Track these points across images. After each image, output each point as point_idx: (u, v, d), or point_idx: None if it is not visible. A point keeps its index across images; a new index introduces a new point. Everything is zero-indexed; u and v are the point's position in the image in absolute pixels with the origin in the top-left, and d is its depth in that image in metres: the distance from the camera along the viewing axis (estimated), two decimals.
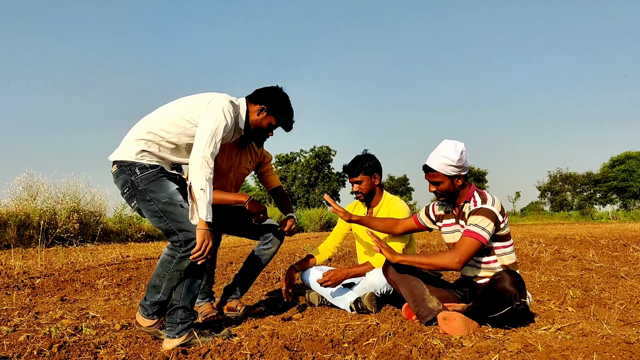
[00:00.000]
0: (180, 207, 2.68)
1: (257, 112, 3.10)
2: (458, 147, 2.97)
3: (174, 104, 2.90)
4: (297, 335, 2.75)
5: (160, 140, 2.79)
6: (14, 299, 4.28)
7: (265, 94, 3.13)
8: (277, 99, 3.14)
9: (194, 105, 2.82)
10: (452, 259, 2.85)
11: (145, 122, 2.85)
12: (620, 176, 50.64)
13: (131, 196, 2.75)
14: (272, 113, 3.13)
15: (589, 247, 8.25)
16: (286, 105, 3.18)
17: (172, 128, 2.79)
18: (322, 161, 48.75)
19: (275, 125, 3.20)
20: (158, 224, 2.70)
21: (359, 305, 3.49)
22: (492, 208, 2.91)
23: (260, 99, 3.12)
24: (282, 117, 3.18)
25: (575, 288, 4.07)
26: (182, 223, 2.64)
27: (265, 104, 3.10)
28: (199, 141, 2.67)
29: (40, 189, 13.30)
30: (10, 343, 2.80)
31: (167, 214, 2.66)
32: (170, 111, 2.85)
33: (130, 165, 2.74)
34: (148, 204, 2.70)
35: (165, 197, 2.69)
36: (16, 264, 7.16)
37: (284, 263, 7.21)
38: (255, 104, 3.12)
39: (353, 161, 3.84)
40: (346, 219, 3.59)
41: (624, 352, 2.17)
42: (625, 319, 2.97)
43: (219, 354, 2.38)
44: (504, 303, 2.62)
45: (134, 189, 2.72)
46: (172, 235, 2.67)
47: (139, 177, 2.71)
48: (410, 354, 2.30)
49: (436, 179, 3.04)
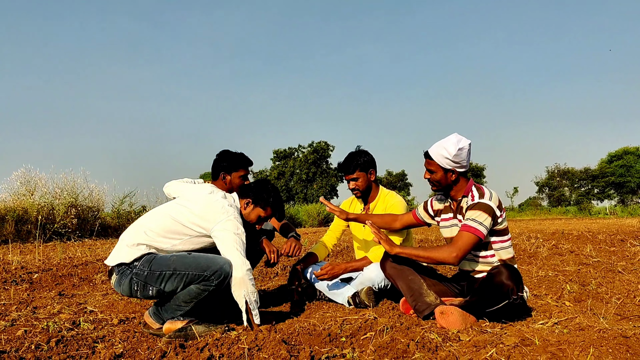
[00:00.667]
0: (189, 255, 2.78)
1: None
2: (460, 143, 2.95)
3: (172, 210, 2.95)
4: (294, 330, 2.76)
5: (163, 246, 2.86)
6: (12, 294, 4.28)
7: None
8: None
9: (201, 215, 2.89)
10: (449, 254, 2.85)
11: (141, 230, 2.88)
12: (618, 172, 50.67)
13: (145, 286, 2.74)
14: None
15: (586, 242, 8.27)
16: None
17: (176, 236, 2.88)
18: (320, 157, 48.73)
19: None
20: (183, 281, 2.71)
21: (357, 300, 3.50)
22: (489, 202, 2.91)
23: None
24: (270, 207, 3.20)
25: (572, 283, 4.08)
26: (201, 264, 2.71)
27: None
28: (233, 256, 2.75)
29: (38, 184, 13.27)
30: (8, 337, 2.80)
31: (184, 267, 2.70)
32: (170, 219, 2.91)
33: (130, 265, 2.78)
34: (162, 277, 2.71)
35: (169, 258, 2.76)
36: (14, 259, 7.15)
37: (282, 258, 7.22)
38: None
39: (347, 158, 3.83)
40: (343, 217, 3.58)
41: (621, 346, 2.17)
42: (622, 313, 2.98)
43: (216, 348, 2.38)
44: (501, 297, 2.62)
45: (142, 277, 2.73)
46: (200, 279, 2.71)
47: (139, 266, 2.75)
48: (408, 347, 2.30)
49: (431, 167, 3.06)
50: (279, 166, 49.73)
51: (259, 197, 3.14)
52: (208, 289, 2.72)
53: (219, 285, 2.73)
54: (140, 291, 2.74)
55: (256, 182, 3.24)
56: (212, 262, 2.72)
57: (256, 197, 3.14)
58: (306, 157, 48.52)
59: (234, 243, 2.78)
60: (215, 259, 2.74)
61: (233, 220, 2.85)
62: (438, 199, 3.32)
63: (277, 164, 50.24)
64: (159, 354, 2.32)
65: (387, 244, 3.00)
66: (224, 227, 2.81)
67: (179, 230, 2.87)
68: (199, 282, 2.71)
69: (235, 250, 2.76)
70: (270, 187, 3.20)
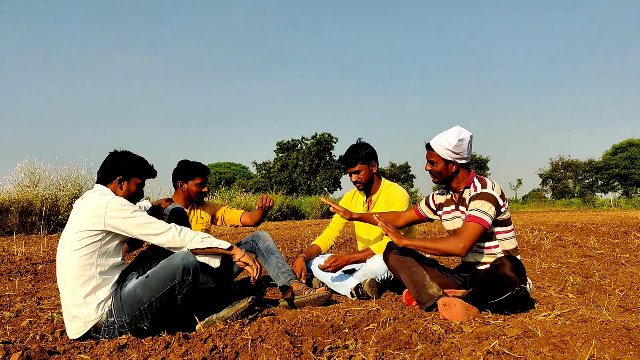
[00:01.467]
0: (146, 278, 2.61)
1: (118, 187, 2.82)
2: (461, 134, 2.95)
3: (64, 255, 2.59)
4: (297, 321, 2.77)
5: (95, 283, 2.57)
6: (17, 285, 4.30)
7: (113, 167, 2.82)
8: (122, 161, 2.85)
9: (88, 219, 2.57)
10: (456, 245, 2.85)
11: (68, 292, 2.56)
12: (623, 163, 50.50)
13: (137, 328, 2.59)
14: (130, 177, 2.85)
15: (589, 235, 8.26)
16: (134, 159, 2.88)
17: (89, 267, 2.56)
18: (324, 148, 48.58)
19: (142, 182, 2.94)
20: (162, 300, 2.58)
21: (360, 291, 3.50)
22: (492, 192, 2.91)
23: (112, 175, 2.82)
24: (138, 172, 2.90)
25: (575, 275, 4.08)
26: (164, 277, 2.57)
27: (119, 174, 2.81)
28: (151, 236, 2.63)
29: (42, 176, 13.32)
30: (13, 328, 2.82)
31: (154, 290, 2.56)
32: (70, 263, 2.56)
33: (105, 324, 2.58)
34: (144, 312, 2.57)
35: (134, 292, 2.59)
36: (19, 250, 7.19)
37: (285, 250, 7.23)
38: (110, 184, 2.82)
39: (349, 151, 3.82)
40: (347, 217, 3.56)
41: (623, 338, 2.17)
42: (625, 305, 2.98)
43: (220, 339, 2.39)
44: (504, 289, 2.62)
45: (128, 324, 2.57)
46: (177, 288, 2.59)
47: (115, 320, 2.57)
48: (410, 339, 2.31)
49: (432, 159, 3.07)
50: (282, 158, 49.64)
51: (124, 168, 2.81)
52: (192, 286, 2.63)
53: (196, 274, 2.62)
54: (134, 331, 2.60)
55: (110, 158, 2.86)
56: (170, 268, 2.58)
57: (122, 170, 2.80)
58: (309, 149, 48.41)
59: (138, 223, 2.60)
60: (170, 262, 2.59)
61: (114, 201, 2.59)
62: (439, 192, 3.32)
63: (280, 155, 50.14)
64: (162, 344, 2.33)
65: (395, 237, 2.99)
66: (115, 216, 2.56)
67: (84, 257, 2.54)
68: (180, 290, 2.59)
69: (146, 228, 2.61)
70: (121, 155, 2.86)
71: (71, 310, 2.55)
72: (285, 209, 24.03)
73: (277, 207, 23.01)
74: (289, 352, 2.14)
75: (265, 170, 50.05)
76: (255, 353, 2.20)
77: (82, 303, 2.52)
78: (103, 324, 2.56)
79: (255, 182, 47.94)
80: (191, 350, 2.23)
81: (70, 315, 2.56)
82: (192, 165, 3.87)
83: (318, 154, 48.29)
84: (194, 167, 3.87)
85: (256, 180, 48.80)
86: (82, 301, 2.52)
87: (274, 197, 24.35)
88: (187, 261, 2.60)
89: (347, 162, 3.81)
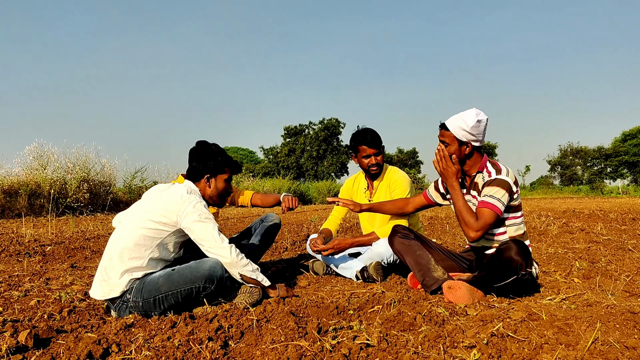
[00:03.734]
0: (173, 271, 2.66)
1: (208, 186, 2.98)
2: (480, 116, 2.92)
3: (133, 222, 2.71)
4: (303, 302, 2.78)
5: (138, 263, 2.66)
6: (25, 266, 4.35)
7: (200, 165, 2.96)
8: (208, 160, 2.97)
9: (162, 212, 2.69)
10: (472, 228, 2.85)
11: (115, 256, 2.64)
12: (632, 150, 50.03)
13: (146, 314, 2.62)
14: (217, 174, 2.99)
15: (597, 221, 8.23)
16: (220, 157, 3.00)
17: (147, 244, 2.66)
18: (331, 134, 48.46)
19: (230, 177, 3.06)
20: (179, 297, 2.62)
21: (365, 274, 3.51)
22: (506, 179, 2.89)
23: (200, 173, 2.96)
24: (227, 168, 3.04)
25: (581, 260, 4.07)
26: (188, 278, 2.63)
27: (207, 172, 2.96)
28: (215, 247, 2.70)
29: (51, 159, 13.39)
30: (22, 307, 2.85)
31: (174, 286, 2.61)
32: (134, 231, 2.67)
33: (122, 298, 2.63)
34: (158, 302, 2.61)
35: (157, 281, 2.62)
36: (27, 232, 7.26)
37: (292, 234, 7.26)
38: (199, 182, 2.98)
39: (374, 133, 3.78)
40: (357, 210, 3.56)
41: (628, 321, 2.17)
42: (630, 290, 2.97)
43: (225, 319, 2.41)
44: (510, 272, 2.62)
45: (139, 308, 2.61)
46: (195, 292, 2.65)
47: (132, 299, 2.61)
48: (415, 321, 2.32)
49: (445, 139, 3.02)
50: (289, 143, 49.61)
51: (211, 167, 2.96)
52: (210, 293, 2.69)
53: (219, 285, 2.69)
54: (144, 316, 2.64)
55: (196, 155, 2.99)
56: (197, 271, 2.64)
57: (209, 169, 2.96)
58: (317, 134, 48.32)
59: (209, 233, 2.69)
60: (199, 266, 2.66)
61: (198, 206, 2.72)
62: None
63: (288, 140, 50.10)
64: (169, 324, 2.35)
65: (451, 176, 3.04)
66: (191, 219, 2.67)
67: (146, 238, 2.66)
68: (196, 294, 2.65)
69: (213, 240, 2.69)
70: (209, 149, 2.99)
71: (106, 274, 2.64)
72: (292, 194, 24.09)
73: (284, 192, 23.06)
74: (293, 332, 2.16)
75: (273, 155, 50.08)
76: (261, 333, 2.21)
77: (119, 273, 2.61)
78: (119, 299, 2.62)
79: (263, 167, 47.98)
80: (197, 330, 2.25)
81: (101, 277, 2.65)
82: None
83: (325, 139, 48.22)
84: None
85: (263, 165, 48.84)
86: (120, 272, 2.61)
87: (281, 183, 24.39)
88: (214, 271, 2.66)
89: (376, 144, 3.76)
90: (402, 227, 3.29)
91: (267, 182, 24.72)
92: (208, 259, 2.71)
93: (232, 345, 2.13)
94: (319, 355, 1.93)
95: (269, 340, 2.09)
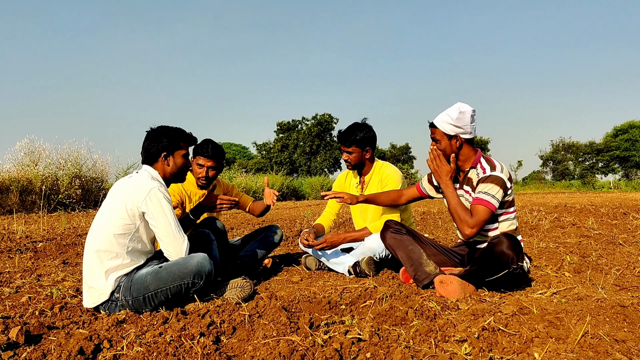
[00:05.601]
0: (160, 268, 2.64)
1: (166, 164, 2.87)
2: (462, 107, 2.93)
3: (99, 229, 2.65)
4: (295, 297, 2.79)
5: (120, 261, 2.63)
6: (17, 262, 4.32)
7: (154, 145, 2.84)
8: (161, 138, 2.85)
9: (124, 206, 2.62)
10: (467, 225, 2.86)
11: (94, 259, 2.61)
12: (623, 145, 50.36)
13: (137, 310, 2.61)
14: (173, 150, 2.88)
15: (588, 215, 8.28)
16: (172, 132, 2.89)
17: (118, 247, 2.61)
18: (324, 129, 48.45)
19: (187, 152, 2.97)
20: (168, 294, 2.62)
21: (357, 269, 3.52)
22: (501, 175, 2.90)
23: (156, 153, 2.85)
24: (182, 142, 2.93)
25: (572, 254, 4.09)
26: (176, 274, 2.61)
27: (163, 151, 2.84)
28: (170, 243, 2.67)
29: (42, 155, 13.32)
30: (13, 304, 2.84)
31: (162, 283, 2.59)
32: (103, 238, 2.61)
33: (111, 298, 2.61)
34: (147, 299, 2.60)
35: (145, 279, 2.61)
36: (19, 229, 7.22)
37: (285, 229, 7.26)
38: (156, 163, 2.86)
39: (348, 130, 3.78)
40: (354, 203, 3.56)
41: (618, 315, 2.19)
42: (620, 284, 2.99)
43: (217, 315, 2.41)
44: (501, 266, 2.63)
45: (129, 306, 2.60)
46: (184, 289, 2.63)
47: (120, 298, 2.60)
48: (406, 315, 2.33)
49: (435, 136, 3.04)
50: (282, 138, 49.55)
51: (165, 144, 2.84)
52: (199, 288, 2.68)
53: (207, 280, 2.68)
54: (136, 309, 2.63)
55: (148, 136, 2.88)
56: (184, 267, 2.62)
57: (165, 146, 2.84)
58: (310, 129, 48.30)
59: (167, 227, 2.66)
60: (186, 262, 2.64)
61: (156, 192, 2.64)
62: None
63: (281, 136, 50.04)
64: (160, 320, 2.35)
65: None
66: (151, 210, 2.62)
67: (117, 236, 2.60)
68: (186, 290, 2.64)
69: (171, 235, 2.67)
70: (158, 131, 2.87)
71: (90, 280, 2.61)
72: (285, 189, 24.08)
73: (277, 187, 23.02)
74: (285, 327, 2.16)
75: (266, 150, 50.02)
76: (253, 328, 2.21)
77: (102, 276, 2.58)
78: (108, 298, 2.60)
79: (256, 162, 47.90)
80: (189, 325, 2.25)
81: (87, 285, 2.62)
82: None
83: (318, 135, 48.20)
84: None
85: (256, 161, 48.76)
86: (103, 274, 2.58)
87: (275, 178, 24.35)
88: (202, 266, 2.64)
89: (343, 140, 3.77)
90: (394, 222, 3.30)
91: (260, 178, 24.68)
92: (195, 254, 2.70)
93: (224, 340, 2.13)
94: (310, 350, 1.93)
95: (261, 336, 2.09)
